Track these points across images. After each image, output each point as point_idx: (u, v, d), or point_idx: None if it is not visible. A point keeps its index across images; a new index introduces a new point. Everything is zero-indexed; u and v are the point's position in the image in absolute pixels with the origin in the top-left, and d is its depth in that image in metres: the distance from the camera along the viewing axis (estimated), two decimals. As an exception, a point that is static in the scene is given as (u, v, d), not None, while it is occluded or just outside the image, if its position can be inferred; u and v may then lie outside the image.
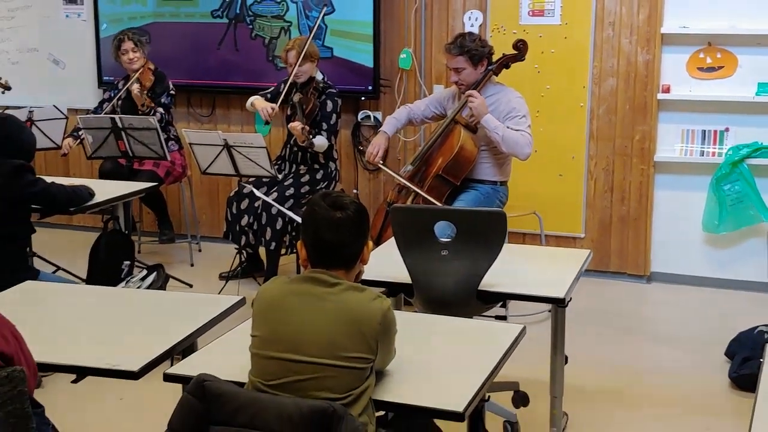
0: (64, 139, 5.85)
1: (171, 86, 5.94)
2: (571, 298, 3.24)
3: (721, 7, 5.25)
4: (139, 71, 5.81)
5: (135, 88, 5.74)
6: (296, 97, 5.29)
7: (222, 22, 6.26)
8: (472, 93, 4.52)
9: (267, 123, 5.43)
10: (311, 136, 5.13)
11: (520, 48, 4.69)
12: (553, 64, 5.54)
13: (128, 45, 5.81)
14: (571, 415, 3.70)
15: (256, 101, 5.40)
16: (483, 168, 4.64)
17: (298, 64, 5.23)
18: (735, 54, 5.29)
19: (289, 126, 5.29)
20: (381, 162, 4.91)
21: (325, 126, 5.30)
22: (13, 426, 2.19)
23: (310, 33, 5.45)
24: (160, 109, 5.83)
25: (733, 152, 5.26)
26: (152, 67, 5.90)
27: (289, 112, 5.45)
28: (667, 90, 5.41)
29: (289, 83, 5.30)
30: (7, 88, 5.66)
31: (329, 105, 5.33)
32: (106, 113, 5.80)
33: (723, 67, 5.32)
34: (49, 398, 2.57)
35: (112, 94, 5.98)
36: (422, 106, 4.96)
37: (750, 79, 5.25)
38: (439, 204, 4.46)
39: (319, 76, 5.43)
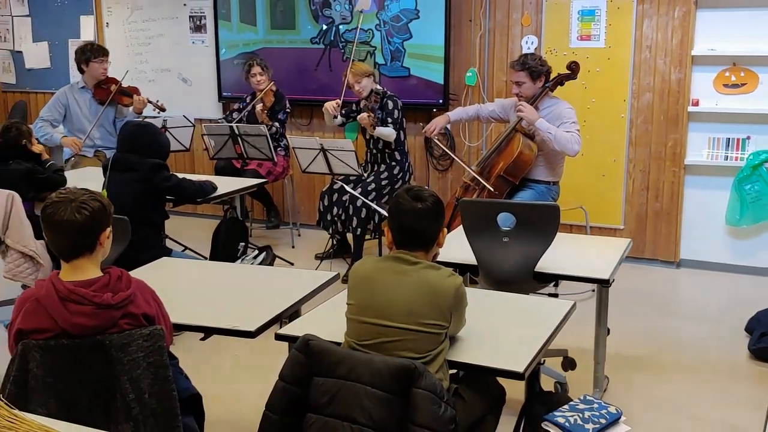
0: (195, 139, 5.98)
1: (287, 105, 6.01)
2: (614, 280, 3.18)
3: (744, 32, 5.08)
4: (264, 91, 5.88)
5: (258, 107, 5.83)
6: (362, 104, 5.37)
7: (319, 48, 6.29)
8: (519, 105, 4.47)
9: (335, 117, 5.44)
10: (376, 123, 5.18)
11: (573, 68, 4.61)
12: (598, 81, 5.43)
13: (256, 69, 5.89)
14: (611, 378, 3.64)
15: (326, 104, 5.45)
16: (539, 170, 4.57)
17: (357, 82, 5.30)
18: (757, 72, 5.11)
19: (357, 118, 5.31)
20: (436, 138, 4.98)
21: (390, 120, 5.31)
22: (154, 374, 2.23)
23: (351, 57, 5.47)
24: (276, 124, 5.91)
25: (753, 157, 5.10)
26: (274, 88, 5.95)
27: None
28: (696, 103, 5.26)
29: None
30: (162, 109, 5.79)
31: (390, 104, 5.34)
32: (236, 121, 5.91)
33: (746, 84, 5.15)
34: (179, 353, 2.62)
35: (241, 106, 6.07)
36: (491, 107, 4.92)
37: (770, 94, 5.08)
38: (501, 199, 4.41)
39: (377, 86, 5.44)
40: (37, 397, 2.16)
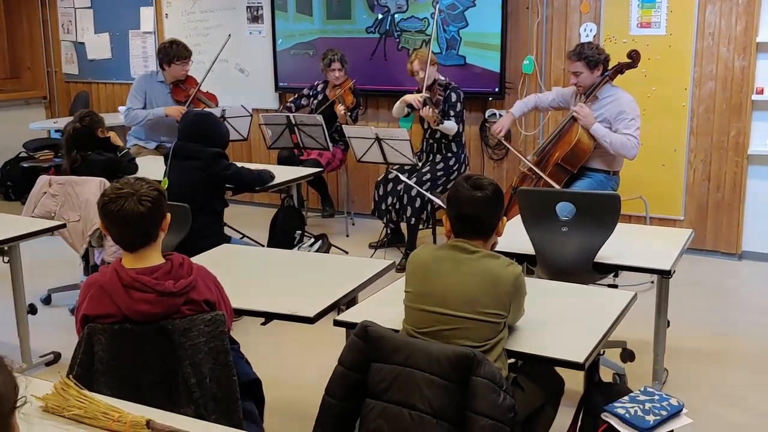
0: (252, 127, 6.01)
1: (361, 102, 6.04)
2: (674, 270, 3.12)
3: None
4: (343, 89, 5.88)
5: (341, 108, 5.82)
6: (426, 94, 5.30)
7: (374, 37, 6.29)
8: (577, 109, 4.41)
9: (414, 110, 5.38)
10: (440, 118, 5.13)
11: (634, 57, 4.52)
12: (658, 69, 5.31)
13: (336, 65, 5.89)
14: (671, 370, 3.57)
15: (405, 96, 5.38)
16: (598, 159, 4.50)
17: (422, 69, 5.23)
18: (824, 59, 4.95)
19: (421, 113, 5.28)
20: (503, 139, 4.91)
21: (452, 113, 5.28)
22: (215, 358, 2.25)
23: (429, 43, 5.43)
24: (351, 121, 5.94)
25: (819, 147, 4.94)
26: (351, 86, 5.95)
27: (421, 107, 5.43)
28: (761, 92, 5.10)
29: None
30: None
31: (453, 96, 5.30)
32: (304, 107, 5.97)
33: (813, 71, 4.98)
34: (238, 338, 2.65)
35: (311, 93, 6.09)
36: (550, 96, 4.85)
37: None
38: (559, 188, 4.37)
39: (441, 77, 5.40)
40: (102, 379, 2.20)
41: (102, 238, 4.17)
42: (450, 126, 5.25)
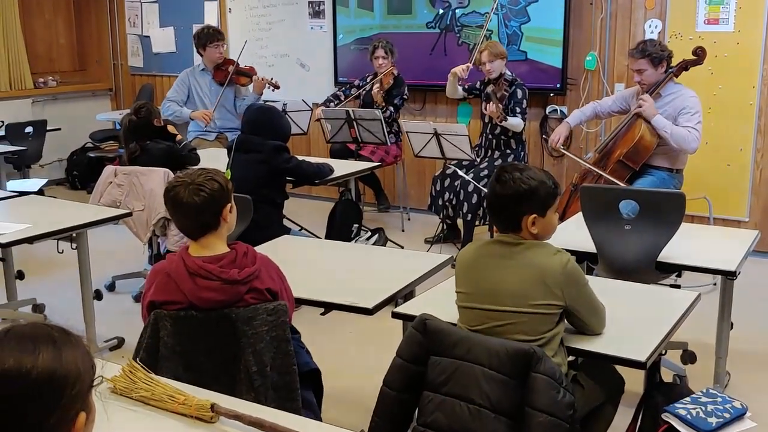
0: (312, 121, 6.11)
1: (405, 91, 6.04)
2: (740, 272, 3.05)
3: None
4: (384, 74, 5.94)
5: (375, 87, 5.90)
6: (489, 88, 5.27)
7: (434, 32, 6.29)
8: (642, 98, 4.34)
9: (461, 83, 5.38)
10: (504, 115, 5.10)
11: (699, 54, 4.43)
12: (725, 66, 5.18)
13: (380, 52, 5.95)
14: (733, 374, 3.49)
15: (453, 69, 5.38)
16: (661, 156, 4.42)
17: (490, 61, 5.20)
18: None
19: (486, 110, 5.25)
20: (562, 147, 4.85)
21: (518, 110, 5.25)
22: (276, 347, 2.29)
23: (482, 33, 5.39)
24: (391, 108, 5.96)
25: None
26: (395, 72, 6.00)
27: (484, 103, 5.41)
28: (833, 90, 4.95)
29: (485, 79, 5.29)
30: (277, 87, 5.96)
31: (519, 93, 5.26)
32: (351, 96, 6.05)
33: None
34: (297, 327, 2.69)
35: (361, 83, 6.16)
36: (609, 102, 4.79)
37: None
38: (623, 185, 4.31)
39: (507, 72, 5.37)
40: (167, 365, 2.26)
41: (165, 227, 4.27)
42: (516, 122, 5.21)
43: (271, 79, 5.97)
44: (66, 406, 1.19)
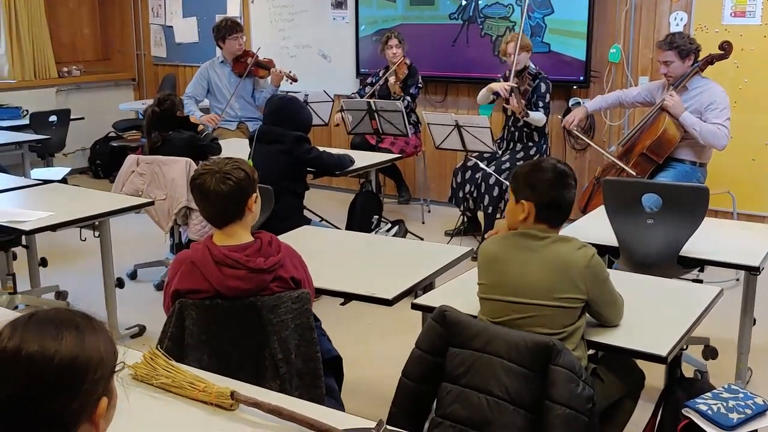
0: (333, 114, 6.12)
1: (420, 80, 6.05)
2: (764, 267, 3.02)
3: None
4: (398, 64, 5.94)
5: (392, 79, 5.91)
6: (513, 84, 5.22)
7: (457, 23, 6.27)
8: (668, 96, 4.32)
9: (498, 98, 5.34)
10: (527, 110, 5.06)
11: (726, 48, 4.39)
12: (751, 60, 5.12)
13: (393, 42, 5.96)
14: (755, 370, 3.46)
15: (492, 84, 5.31)
16: (685, 149, 4.39)
17: (516, 53, 5.16)
18: None
19: (509, 104, 5.21)
20: (575, 129, 4.85)
21: (541, 104, 5.21)
22: (300, 335, 2.31)
23: (521, 27, 5.35)
24: (408, 98, 5.96)
25: None
26: (408, 62, 6.01)
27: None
28: None
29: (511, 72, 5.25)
30: (294, 80, 5.97)
31: (542, 87, 5.23)
32: (367, 94, 6.02)
33: None
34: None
35: (374, 80, 6.16)
36: (635, 92, 4.76)
37: None
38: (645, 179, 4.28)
39: (532, 65, 5.33)
40: (192, 353, 2.27)
41: (187, 217, 4.30)
42: (538, 117, 5.18)
43: (289, 71, 5.98)
44: (88, 391, 1.20)
